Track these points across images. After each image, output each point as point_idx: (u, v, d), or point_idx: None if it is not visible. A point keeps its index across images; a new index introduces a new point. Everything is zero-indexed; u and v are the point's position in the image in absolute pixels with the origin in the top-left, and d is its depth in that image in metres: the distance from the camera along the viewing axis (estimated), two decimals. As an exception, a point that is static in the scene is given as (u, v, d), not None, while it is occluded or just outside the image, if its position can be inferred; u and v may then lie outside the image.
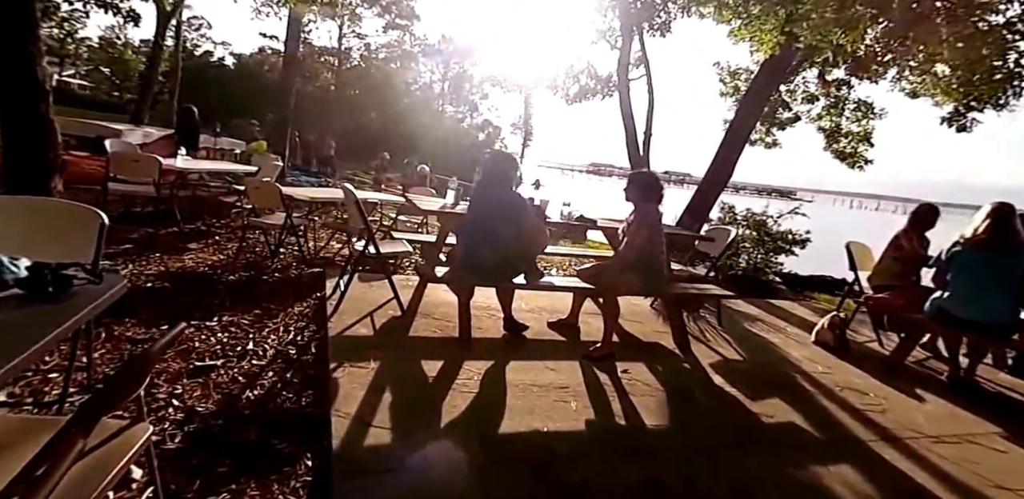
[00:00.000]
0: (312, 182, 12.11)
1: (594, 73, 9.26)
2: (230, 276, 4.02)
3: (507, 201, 3.17)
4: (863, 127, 12.30)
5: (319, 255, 5.17)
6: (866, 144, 12.31)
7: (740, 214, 8.63)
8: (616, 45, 8.26)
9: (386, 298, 3.73)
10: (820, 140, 12.59)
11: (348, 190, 3.44)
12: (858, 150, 12.30)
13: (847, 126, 12.35)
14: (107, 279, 1.65)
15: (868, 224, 41.82)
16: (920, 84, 10.60)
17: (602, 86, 9.41)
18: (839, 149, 12.40)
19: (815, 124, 12.41)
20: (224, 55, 33.29)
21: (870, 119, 12.17)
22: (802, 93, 12.03)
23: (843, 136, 12.38)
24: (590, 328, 3.84)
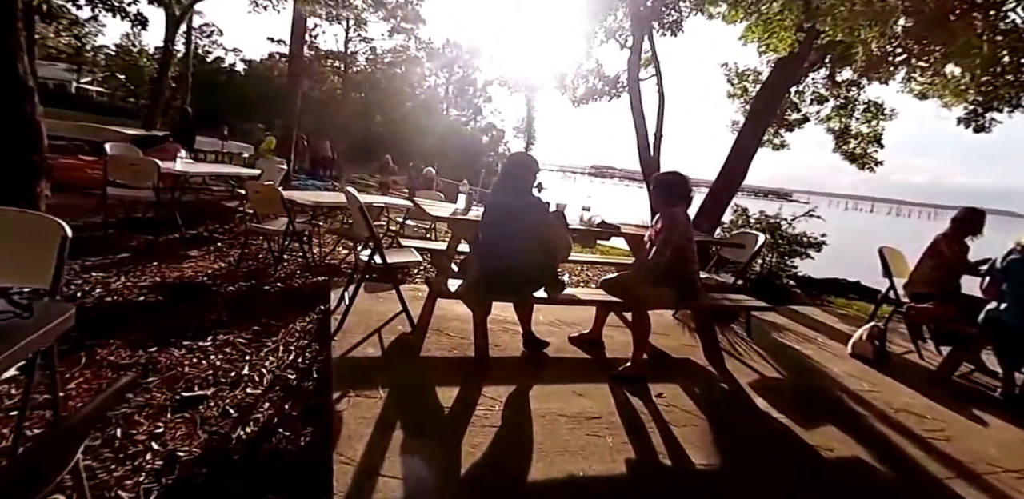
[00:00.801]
0: (319, 186, 11.77)
1: (602, 73, 8.86)
2: (229, 287, 3.66)
3: (528, 207, 2.80)
4: (873, 128, 11.89)
5: (324, 261, 4.82)
6: (876, 145, 11.89)
7: (754, 217, 8.24)
8: (626, 44, 7.88)
9: (394, 311, 3.37)
10: (829, 141, 12.18)
11: (351, 194, 3.07)
12: (868, 151, 11.88)
13: (856, 127, 11.94)
14: (49, 309, 1.28)
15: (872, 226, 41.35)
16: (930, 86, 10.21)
17: (609, 87, 9.02)
18: (849, 150, 11.97)
19: (824, 125, 11.99)
20: (235, 61, 33.04)
21: (880, 120, 11.76)
22: (811, 94, 11.61)
23: (852, 137, 11.97)
24: (614, 342, 3.46)
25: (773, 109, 7.98)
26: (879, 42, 5.23)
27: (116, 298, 3.06)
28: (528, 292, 2.91)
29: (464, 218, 3.14)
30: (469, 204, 3.52)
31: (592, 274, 5.75)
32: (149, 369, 2.34)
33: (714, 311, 3.76)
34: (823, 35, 6.02)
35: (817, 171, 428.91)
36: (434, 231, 5.60)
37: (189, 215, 5.41)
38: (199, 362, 2.49)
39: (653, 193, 3.10)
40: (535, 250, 2.81)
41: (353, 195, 3.02)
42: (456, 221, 3.20)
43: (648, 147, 7.58)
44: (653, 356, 3.35)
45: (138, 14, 9.38)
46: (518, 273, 2.82)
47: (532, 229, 2.78)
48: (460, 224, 3.24)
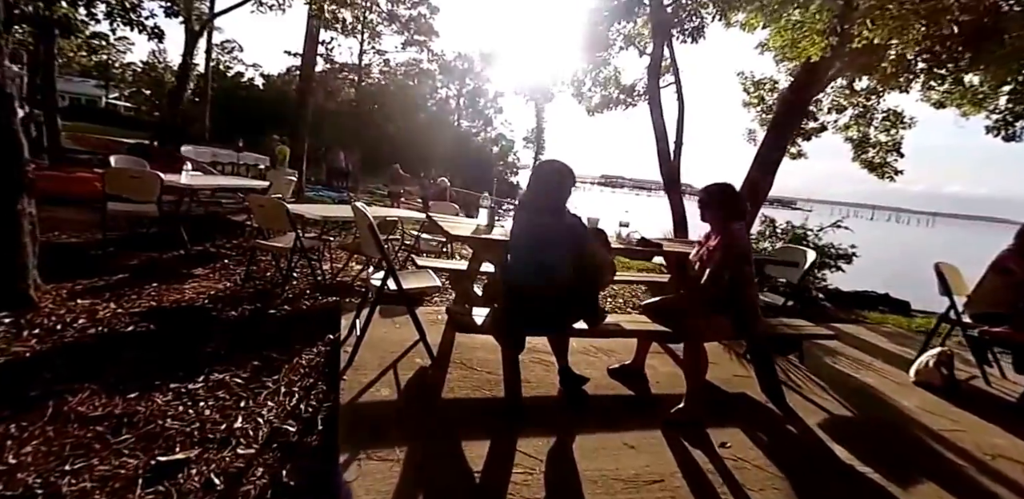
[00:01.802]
0: (333, 197, 11.43)
1: (619, 82, 8.44)
2: (232, 311, 3.23)
3: (567, 231, 2.34)
4: (892, 137, 11.33)
5: (336, 279, 4.39)
6: (896, 154, 11.32)
7: (780, 227, 7.73)
8: (646, 51, 7.45)
9: (411, 340, 2.92)
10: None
11: (359, 210, 2.63)
12: (888, 160, 11.30)
13: (875, 136, 11.38)
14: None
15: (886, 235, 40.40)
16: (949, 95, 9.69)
17: (626, 96, 8.58)
18: (868, 159, 11.42)
19: (842, 134, 11.45)
20: (254, 76, 33.11)
21: (899, 129, 11.20)
22: (830, 103, 11.08)
23: (871, 146, 11.41)
24: (658, 374, 3.00)
25: (797, 118, 7.51)
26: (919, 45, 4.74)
27: (101, 329, 2.64)
28: (567, 323, 2.45)
29: (488, 238, 2.69)
30: (492, 220, 3.07)
31: (617, 289, 5.25)
32: (124, 423, 1.90)
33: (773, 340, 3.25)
34: (857, 39, 5.55)
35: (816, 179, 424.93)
36: (451, 246, 5.15)
37: (196, 230, 5.01)
38: (185, 411, 2.05)
39: (707, 206, 2.63)
40: (575, 275, 2.35)
41: (362, 211, 2.58)
42: (479, 242, 2.75)
43: (669, 156, 7.13)
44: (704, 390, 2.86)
45: (155, 27, 9.14)
46: (555, 303, 2.36)
47: (570, 250, 2.32)
48: (484, 245, 2.80)
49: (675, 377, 3.03)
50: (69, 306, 2.86)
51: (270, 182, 5.30)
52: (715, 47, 10.52)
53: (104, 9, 8.50)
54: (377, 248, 2.46)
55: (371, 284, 2.67)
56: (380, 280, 2.67)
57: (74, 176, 5.94)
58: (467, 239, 2.72)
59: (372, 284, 2.65)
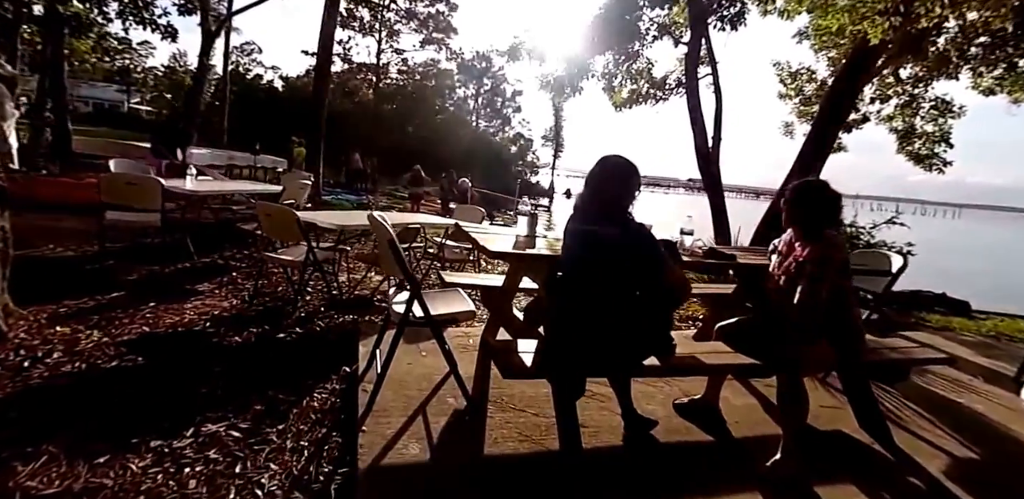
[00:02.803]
0: (352, 200, 11.07)
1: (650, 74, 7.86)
2: (236, 336, 2.81)
3: (633, 240, 1.85)
4: (939, 127, 10.52)
5: (354, 292, 3.97)
6: (944, 145, 10.51)
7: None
8: (681, 40, 6.89)
9: (440, 371, 2.48)
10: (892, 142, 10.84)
11: (378, 222, 2.16)
12: (935, 151, 10.50)
13: (921, 126, 10.59)
14: None
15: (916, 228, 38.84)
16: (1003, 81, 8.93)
17: (655, 89, 8.00)
18: (913, 151, 10.63)
19: (886, 125, 10.67)
20: (273, 78, 33.07)
21: (948, 118, 10.39)
22: (873, 92, 10.32)
23: (917, 137, 10.61)
24: (733, 408, 2.52)
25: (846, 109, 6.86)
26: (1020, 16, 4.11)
27: (78, 366, 2.23)
28: (636, 361, 1.95)
29: (534, 253, 2.21)
30: (533, 230, 2.58)
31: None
32: (83, 504, 1.48)
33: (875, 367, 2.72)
34: (926, 17, 4.93)
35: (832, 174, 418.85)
36: (478, 253, 4.68)
37: (204, 239, 4.64)
38: (166, 481, 1.61)
39: (798, 209, 2.10)
40: (644, 301, 1.86)
41: (381, 223, 2.11)
42: (521, 259, 2.27)
43: (707, 152, 6.55)
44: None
45: (168, 26, 8.87)
46: (622, 336, 1.87)
47: (639, 268, 1.83)
48: (527, 263, 2.31)
49: (755, 412, 2.55)
50: (45, 335, 2.46)
51: (283, 187, 4.89)
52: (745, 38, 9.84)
53: (116, 7, 8.26)
54: (400, 268, 2.00)
55: (392, 309, 2.20)
56: (403, 304, 2.21)
57: (83, 182, 5.63)
58: (507, 256, 2.24)
59: (394, 310, 2.19)
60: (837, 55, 8.69)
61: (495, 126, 35.24)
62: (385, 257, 2.14)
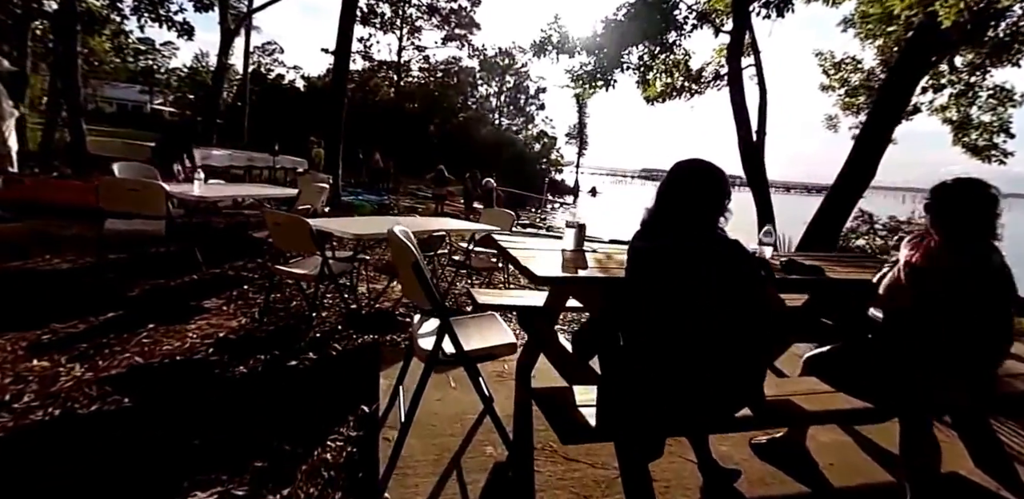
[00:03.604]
0: (372, 200, 10.77)
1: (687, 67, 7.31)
2: (240, 366, 2.45)
3: (721, 256, 1.41)
4: (999, 116, 9.71)
5: (374, 305, 3.61)
6: (1004, 135, 9.70)
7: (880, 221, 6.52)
8: (723, 28, 6.36)
9: (474, 410, 2.10)
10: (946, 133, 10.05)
11: (399, 241, 1.74)
12: (994, 142, 9.70)
13: (978, 116, 9.79)
14: None
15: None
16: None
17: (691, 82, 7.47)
18: (970, 142, 9.84)
19: (939, 116, 9.90)
20: (295, 78, 33.18)
21: (1008, 107, 9.58)
22: (925, 81, 9.56)
23: (973, 128, 9.82)
24: (822, 448, 2.10)
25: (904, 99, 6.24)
26: None
27: (51, 412, 1.88)
28: (728, 413, 1.52)
29: (585, 276, 1.78)
30: (582, 243, 2.15)
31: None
32: None
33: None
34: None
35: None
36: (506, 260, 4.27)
37: (214, 248, 4.33)
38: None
39: (944, 207, 1.66)
40: (741, 339, 1.43)
41: (402, 242, 1.70)
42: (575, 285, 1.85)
43: (751, 147, 6.03)
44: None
45: (184, 23, 8.67)
46: (712, 384, 1.44)
47: (733, 300, 1.40)
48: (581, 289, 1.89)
49: (851, 452, 2.14)
50: (19, 371, 2.13)
51: (299, 190, 4.55)
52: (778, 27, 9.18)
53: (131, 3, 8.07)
54: (427, 296, 1.60)
55: (418, 345, 1.80)
56: (430, 336, 1.82)
57: (92, 185, 5.39)
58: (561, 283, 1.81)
59: (419, 345, 1.78)
60: (885, 44, 8.02)
61: (518, 124, 34.79)
62: (409, 282, 1.74)
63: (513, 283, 4.81)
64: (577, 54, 6.74)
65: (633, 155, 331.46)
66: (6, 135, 4.80)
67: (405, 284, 1.83)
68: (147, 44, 34.03)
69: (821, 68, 9.44)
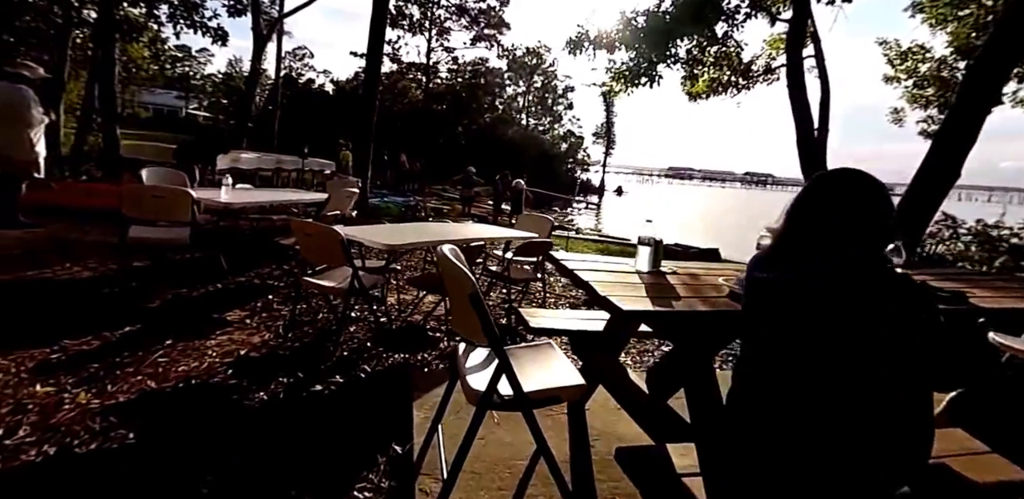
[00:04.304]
0: (399, 202, 10.62)
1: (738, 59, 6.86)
2: (261, 391, 2.21)
3: (886, 304, 1.05)
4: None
5: (407, 317, 3.36)
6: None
7: (965, 226, 5.92)
8: (779, 16, 5.92)
9: (524, 452, 1.78)
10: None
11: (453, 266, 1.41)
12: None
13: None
14: None
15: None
16: None
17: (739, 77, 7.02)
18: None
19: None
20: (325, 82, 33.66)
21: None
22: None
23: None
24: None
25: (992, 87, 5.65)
26: None
27: (46, 450, 1.65)
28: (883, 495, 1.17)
29: (686, 311, 1.44)
30: (658, 263, 1.82)
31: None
32: None
33: None
34: None
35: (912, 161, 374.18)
36: (543, 269, 3.96)
37: (239, 255, 4.16)
38: None
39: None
40: (905, 401, 1.08)
41: (456, 267, 1.39)
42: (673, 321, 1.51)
43: (811, 146, 5.55)
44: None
45: (219, 28, 8.71)
46: (846, 464, 1.09)
47: (893, 353, 1.04)
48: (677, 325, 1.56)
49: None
50: (20, 397, 1.93)
51: (328, 195, 4.35)
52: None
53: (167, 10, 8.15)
54: (486, 333, 1.30)
55: (465, 382, 1.50)
56: (479, 372, 1.53)
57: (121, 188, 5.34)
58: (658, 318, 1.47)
59: (469, 384, 1.48)
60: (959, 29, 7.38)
61: (545, 124, 34.49)
62: (462, 313, 1.44)
63: (551, 292, 4.51)
64: (616, 50, 6.40)
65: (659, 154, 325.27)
66: (35, 141, 4.75)
67: (457, 314, 1.54)
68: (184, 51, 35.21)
69: (885, 57, 8.77)
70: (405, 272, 4.55)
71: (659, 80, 6.37)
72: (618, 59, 6.58)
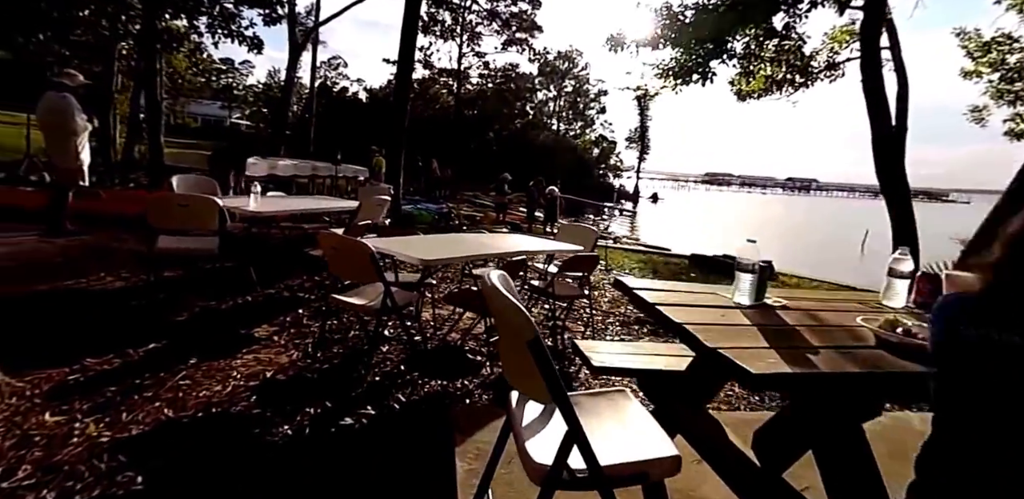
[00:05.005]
0: (431, 209, 10.50)
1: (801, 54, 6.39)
2: (285, 423, 2.00)
3: None
4: None
5: (443, 336, 3.13)
6: None
7: None
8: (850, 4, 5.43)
9: None
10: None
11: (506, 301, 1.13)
12: None
13: None
14: None
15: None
16: None
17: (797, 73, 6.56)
18: None
19: None
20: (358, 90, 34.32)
21: None
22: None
23: None
24: None
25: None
26: None
27: (41, 497, 1.47)
28: None
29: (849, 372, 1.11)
30: (762, 293, 1.51)
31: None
32: None
33: None
34: None
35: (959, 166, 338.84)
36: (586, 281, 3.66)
37: (269, 265, 4.04)
38: None
39: None
40: None
41: (511, 302, 1.10)
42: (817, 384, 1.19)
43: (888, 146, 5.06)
44: None
45: (254, 37, 8.86)
46: None
47: None
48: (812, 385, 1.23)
49: None
50: (27, 428, 1.76)
51: (360, 203, 4.19)
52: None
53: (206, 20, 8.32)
54: (550, 388, 1.02)
55: (526, 454, 1.21)
56: (538, 427, 1.26)
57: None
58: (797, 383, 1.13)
59: (529, 455, 1.19)
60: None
61: (576, 129, 34.14)
62: (516, 361, 1.16)
63: (597, 308, 4.19)
64: (664, 46, 6.06)
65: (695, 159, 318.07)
66: (79, 150, 4.79)
67: (511, 361, 1.26)
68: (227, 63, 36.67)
69: (964, 50, 8.04)
70: (440, 284, 4.34)
71: (712, 77, 5.98)
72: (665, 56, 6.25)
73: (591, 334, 3.61)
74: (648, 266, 6.94)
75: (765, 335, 1.20)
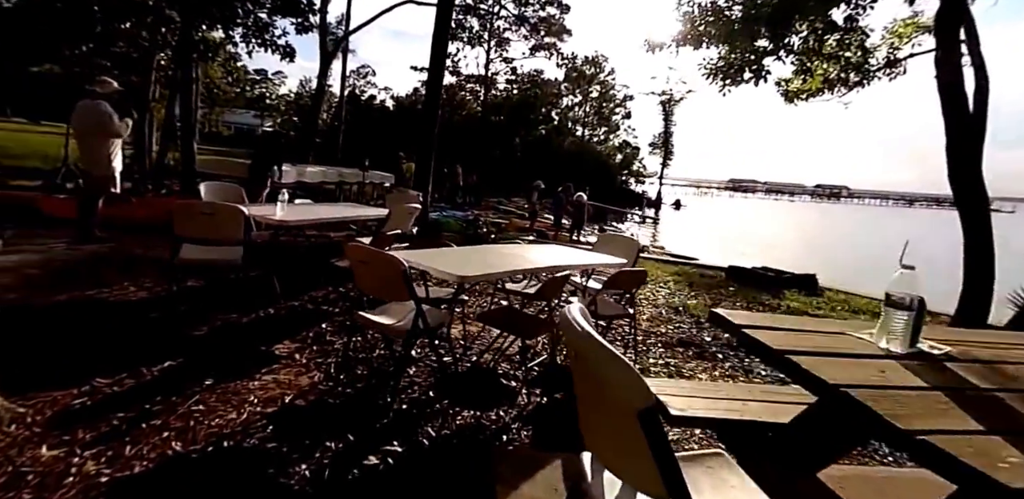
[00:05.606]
0: (458, 216, 10.35)
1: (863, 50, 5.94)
2: (302, 462, 1.78)
3: None
4: None
5: (476, 358, 2.89)
6: None
7: None
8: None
9: None
10: None
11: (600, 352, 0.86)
12: None
13: None
14: None
15: None
16: None
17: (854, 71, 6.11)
18: None
19: None
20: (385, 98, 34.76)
21: None
22: None
23: None
24: None
25: None
26: None
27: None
28: None
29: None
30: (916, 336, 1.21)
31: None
32: None
33: None
34: None
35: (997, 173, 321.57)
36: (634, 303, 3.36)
37: (293, 275, 3.88)
38: None
39: None
40: None
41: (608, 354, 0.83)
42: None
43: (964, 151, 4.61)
44: None
45: (287, 45, 8.95)
46: None
47: None
48: None
49: None
50: (21, 463, 1.57)
51: (389, 211, 4.00)
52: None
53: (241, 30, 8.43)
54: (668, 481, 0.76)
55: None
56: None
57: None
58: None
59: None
60: None
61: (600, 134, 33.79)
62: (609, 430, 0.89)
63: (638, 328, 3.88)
64: (706, 45, 5.75)
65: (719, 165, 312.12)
66: (112, 157, 4.78)
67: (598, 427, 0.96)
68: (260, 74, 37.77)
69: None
70: (469, 297, 4.10)
71: (766, 76, 5.61)
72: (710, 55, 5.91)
73: (634, 357, 3.31)
74: (684, 279, 6.57)
75: (965, 407, 0.90)
